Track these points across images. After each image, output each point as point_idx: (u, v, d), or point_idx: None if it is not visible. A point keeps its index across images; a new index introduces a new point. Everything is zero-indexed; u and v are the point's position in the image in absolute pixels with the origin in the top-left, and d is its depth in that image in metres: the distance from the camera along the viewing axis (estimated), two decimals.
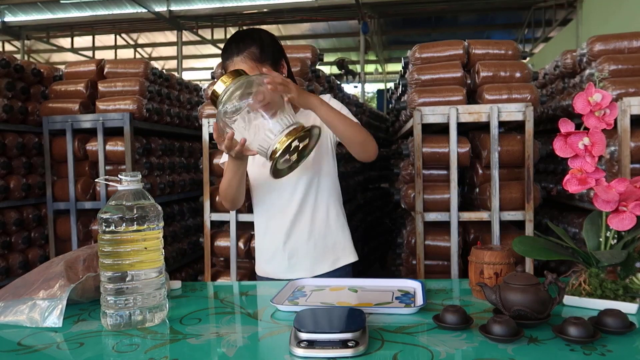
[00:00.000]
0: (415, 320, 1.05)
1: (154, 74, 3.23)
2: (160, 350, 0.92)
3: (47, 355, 0.93)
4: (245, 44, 1.45)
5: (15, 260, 2.95)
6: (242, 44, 1.45)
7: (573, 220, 2.52)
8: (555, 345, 0.88)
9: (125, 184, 1.07)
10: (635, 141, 2.08)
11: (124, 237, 1.03)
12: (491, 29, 11.90)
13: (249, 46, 1.44)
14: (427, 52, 2.57)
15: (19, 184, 2.95)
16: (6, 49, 12.47)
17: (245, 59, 1.44)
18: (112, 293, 1.04)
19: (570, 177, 1.15)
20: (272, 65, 1.47)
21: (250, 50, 1.44)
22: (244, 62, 1.44)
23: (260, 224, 1.66)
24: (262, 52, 1.45)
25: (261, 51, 1.45)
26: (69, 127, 2.90)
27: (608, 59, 2.26)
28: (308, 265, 1.59)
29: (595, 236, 1.20)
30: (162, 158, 3.38)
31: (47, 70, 3.33)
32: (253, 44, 1.45)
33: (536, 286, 0.98)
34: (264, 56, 1.46)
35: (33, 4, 9.79)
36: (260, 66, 1.44)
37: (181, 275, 3.58)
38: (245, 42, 1.45)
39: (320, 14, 10.10)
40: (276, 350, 0.92)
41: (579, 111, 1.16)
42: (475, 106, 2.32)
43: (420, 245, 2.36)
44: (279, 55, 1.52)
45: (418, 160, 2.33)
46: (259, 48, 1.45)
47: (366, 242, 4.55)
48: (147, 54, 14.15)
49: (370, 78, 15.74)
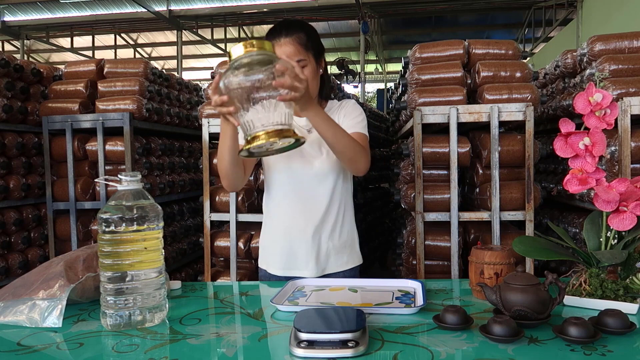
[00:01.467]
0: (416, 320, 1.05)
1: (153, 74, 3.23)
2: (160, 351, 0.92)
3: (46, 355, 0.93)
4: (295, 28, 1.46)
5: (15, 260, 2.94)
6: (292, 28, 1.45)
7: (573, 220, 2.52)
8: (555, 346, 0.88)
9: (125, 184, 1.07)
10: (635, 141, 2.08)
11: (123, 237, 1.03)
12: (491, 29, 11.89)
13: (298, 31, 1.45)
14: (427, 52, 2.57)
15: (18, 184, 2.94)
16: (6, 48, 12.47)
17: (293, 41, 1.43)
18: (112, 293, 1.04)
19: (571, 177, 1.15)
20: (315, 56, 1.48)
21: (299, 35, 1.45)
22: (292, 44, 1.43)
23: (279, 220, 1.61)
24: (309, 40, 1.46)
25: (308, 39, 1.46)
26: (68, 127, 2.90)
27: (608, 59, 2.25)
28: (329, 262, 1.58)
29: (595, 236, 1.20)
30: (162, 158, 3.38)
31: (46, 70, 3.33)
32: (302, 30, 1.46)
33: (536, 286, 0.98)
34: (310, 45, 1.46)
35: (33, 3, 9.79)
36: (305, 53, 1.45)
37: (181, 275, 3.58)
38: (294, 27, 1.46)
39: (320, 14, 10.09)
40: (276, 350, 0.92)
41: (580, 111, 1.15)
42: (475, 106, 2.32)
43: (421, 245, 2.36)
44: (321, 52, 1.53)
45: (418, 160, 2.33)
46: (307, 36, 1.46)
47: (366, 242, 4.54)
48: (146, 54, 14.14)
49: (370, 78, 15.74)
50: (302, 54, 1.44)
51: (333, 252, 1.58)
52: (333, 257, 1.58)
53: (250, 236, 2.61)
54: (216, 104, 1.13)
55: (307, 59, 1.45)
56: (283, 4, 9.58)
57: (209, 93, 1.22)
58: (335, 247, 1.58)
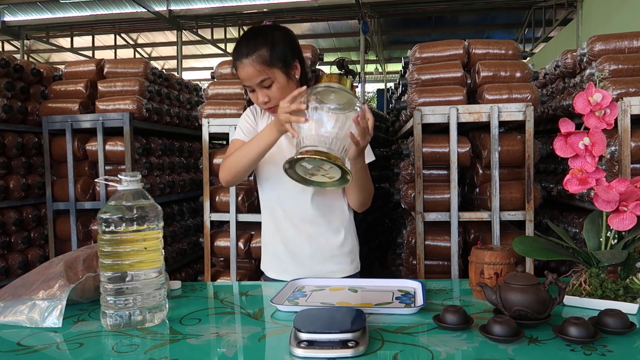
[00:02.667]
0: (416, 320, 1.05)
1: (153, 74, 3.22)
2: (160, 351, 0.92)
3: (46, 355, 0.93)
4: (256, 45, 1.40)
5: (14, 260, 2.94)
6: (253, 45, 1.40)
7: (573, 220, 2.52)
8: (555, 346, 0.88)
9: (125, 184, 1.07)
10: (635, 141, 2.08)
11: (123, 237, 1.03)
12: (491, 29, 11.89)
13: (259, 48, 1.39)
14: (427, 52, 2.57)
15: (18, 184, 2.94)
16: (6, 48, 12.46)
17: (253, 63, 1.39)
18: (112, 293, 1.04)
19: (571, 177, 1.15)
20: (282, 68, 1.42)
21: (260, 53, 1.39)
22: (253, 65, 1.39)
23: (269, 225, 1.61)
24: (272, 54, 1.40)
25: (271, 54, 1.40)
26: (68, 127, 2.90)
27: (608, 59, 2.25)
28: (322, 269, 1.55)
29: (595, 236, 1.20)
30: (162, 158, 3.38)
31: (46, 70, 3.33)
32: (264, 45, 1.40)
33: (536, 286, 0.98)
34: (274, 59, 1.40)
35: (33, 3, 9.78)
36: (269, 70, 1.40)
37: (181, 275, 3.58)
38: (256, 43, 1.40)
39: (320, 14, 10.09)
40: (276, 350, 0.92)
41: (579, 111, 1.16)
42: (475, 106, 2.32)
43: (420, 245, 2.36)
44: (293, 57, 1.46)
45: (418, 160, 2.33)
46: (269, 50, 1.40)
47: (366, 242, 4.54)
48: (146, 54, 14.14)
49: (370, 78, 15.73)
50: (265, 73, 1.40)
51: (324, 259, 1.54)
52: (326, 264, 1.54)
53: (250, 236, 2.62)
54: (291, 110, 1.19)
55: (271, 76, 1.41)
56: (283, 4, 9.57)
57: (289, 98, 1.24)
58: (330, 255, 1.54)
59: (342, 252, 1.56)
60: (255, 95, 1.46)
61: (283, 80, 1.43)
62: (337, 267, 1.55)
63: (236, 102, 2.65)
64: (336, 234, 1.55)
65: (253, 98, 1.47)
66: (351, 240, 1.59)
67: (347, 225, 1.58)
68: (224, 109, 2.63)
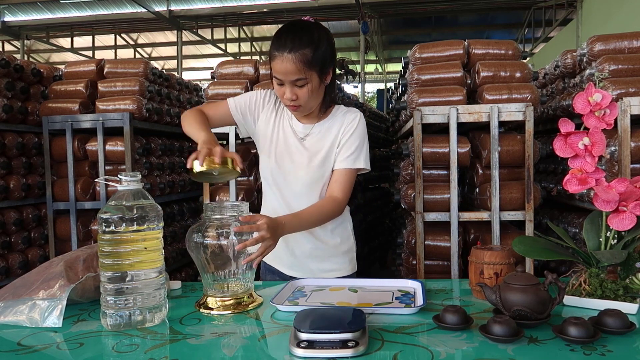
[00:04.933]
0: (415, 320, 1.05)
1: (153, 74, 3.23)
2: (160, 351, 0.92)
3: (47, 355, 0.93)
4: (302, 42, 1.35)
5: (15, 260, 2.94)
6: (299, 41, 1.35)
7: (573, 220, 2.52)
8: (555, 346, 0.88)
9: (125, 184, 1.07)
10: (635, 141, 2.08)
11: (123, 237, 1.03)
12: (491, 29, 11.90)
13: (305, 46, 1.35)
14: (427, 52, 2.57)
15: (18, 184, 2.94)
16: (6, 48, 12.47)
17: (295, 60, 1.34)
18: (112, 293, 1.04)
19: (571, 177, 1.15)
20: (319, 72, 1.39)
21: (304, 52, 1.34)
22: (294, 62, 1.34)
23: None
24: (315, 56, 1.36)
25: (314, 55, 1.35)
26: (68, 127, 2.90)
27: (608, 59, 2.26)
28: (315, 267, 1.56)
29: (595, 236, 1.20)
30: (162, 158, 3.38)
31: (46, 70, 3.33)
32: (309, 45, 1.35)
33: (536, 286, 0.98)
34: (315, 62, 1.36)
35: (33, 3, 9.78)
36: (307, 71, 1.36)
37: (181, 275, 3.58)
38: (302, 39, 1.35)
39: (320, 14, 10.09)
40: (276, 350, 0.92)
41: (579, 111, 1.16)
42: (475, 106, 2.32)
43: (420, 245, 2.36)
44: (330, 63, 1.43)
45: (418, 160, 2.33)
46: (313, 51, 1.35)
47: (366, 242, 4.54)
48: (147, 54, 14.15)
49: (370, 78, 15.74)
50: (303, 73, 1.36)
51: (322, 259, 1.55)
52: (324, 263, 1.55)
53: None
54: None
55: (309, 77, 1.37)
56: (283, 4, 9.58)
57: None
58: (327, 255, 1.54)
59: (339, 252, 1.56)
60: (282, 90, 1.41)
61: (316, 84, 1.41)
62: (335, 267, 1.56)
63: None
64: (333, 235, 1.55)
65: (279, 92, 1.43)
66: (348, 241, 1.60)
67: (344, 226, 1.59)
68: None
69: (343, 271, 1.57)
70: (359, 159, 1.48)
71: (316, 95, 1.43)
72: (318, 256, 1.55)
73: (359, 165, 1.48)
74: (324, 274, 1.53)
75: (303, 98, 1.40)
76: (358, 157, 1.48)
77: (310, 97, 1.41)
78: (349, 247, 1.59)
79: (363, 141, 1.50)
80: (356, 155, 1.48)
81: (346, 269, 1.58)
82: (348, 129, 1.49)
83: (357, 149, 1.48)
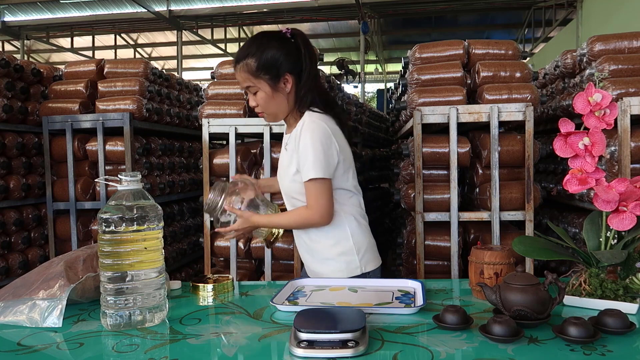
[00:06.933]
0: (415, 320, 1.05)
1: (153, 74, 3.22)
2: (160, 351, 0.92)
3: (47, 355, 0.93)
4: (248, 52, 1.46)
5: (15, 260, 2.94)
6: (246, 51, 1.46)
7: (573, 220, 2.52)
8: (555, 346, 0.88)
9: (125, 184, 1.07)
10: (635, 141, 2.08)
11: (124, 237, 1.03)
12: (491, 29, 11.89)
13: (249, 56, 1.45)
14: (427, 52, 2.57)
15: (18, 184, 2.94)
16: (6, 49, 12.46)
17: (241, 70, 1.48)
18: (112, 293, 1.04)
19: (571, 177, 1.15)
20: (268, 81, 1.46)
21: (248, 62, 1.45)
22: (240, 72, 1.48)
23: None
24: (259, 65, 1.45)
25: (258, 64, 1.45)
26: (68, 127, 2.90)
27: (608, 59, 2.26)
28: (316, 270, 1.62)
29: (595, 236, 1.20)
30: (162, 158, 3.38)
31: (46, 70, 3.33)
32: (254, 55, 1.45)
33: (536, 286, 0.98)
34: (260, 70, 1.45)
35: (33, 3, 9.78)
36: (254, 79, 1.46)
37: (181, 275, 3.58)
38: (249, 50, 1.46)
39: (320, 14, 10.09)
40: (276, 350, 0.92)
41: (579, 111, 1.16)
42: (475, 106, 2.32)
43: (420, 245, 2.36)
44: (284, 70, 1.47)
45: (418, 160, 2.33)
46: (257, 61, 1.45)
47: None
48: (147, 54, 14.14)
49: (370, 78, 15.74)
50: (251, 81, 1.47)
51: (320, 261, 1.57)
52: (322, 265, 1.56)
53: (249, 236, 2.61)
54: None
55: (257, 84, 1.47)
56: (283, 4, 9.57)
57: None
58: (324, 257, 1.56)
59: (334, 254, 1.54)
60: (248, 98, 1.56)
61: (268, 91, 1.48)
62: (331, 269, 1.54)
63: (236, 102, 2.65)
64: (327, 238, 1.54)
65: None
66: (344, 244, 1.55)
67: (338, 230, 1.54)
68: (224, 109, 2.63)
69: (344, 273, 1.53)
70: (309, 171, 1.45)
71: (275, 102, 1.51)
72: (316, 260, 1.58)
73: (309, 176, 1.44)
74: (326, 275, 1.53)
75: (261, 104, 1.51)
76: (309, 169, 1.45)
77: (267, 103, 1.50)
78: (344, 249, 1.55)
79: (307, 151, 1.45)
80: (308, 167, 1.45)
81: (346, 269, 1.53)
82: (298, 141, 1.48)
83: (305, 160, 1.46)
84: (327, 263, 1.55)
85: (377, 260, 1.66)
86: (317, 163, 1.44)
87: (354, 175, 1.59)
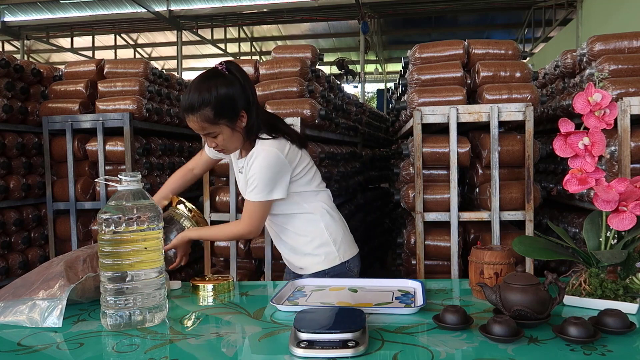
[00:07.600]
0: (415, 320, 1.05)
1: (153, 74, 3.22)
2: (160, 350, 0.92)
3: (47, 355, 0.93)
4: (202, 102, 1.46)
5: (15, 260, 2.94)
6: (199, 102, 1.46)
7: (573, 220, 2.52)
8: (555, 345, 0.88)
9: (125, 184, 1.07)
10: (635, 141, 2.08)
11: (124, 237, 1.03)
12: (491, 29, 11.90)
13: (204, 107, 1.47)
14: (427, 52, 2.57)
15: (18, 184, 2.94)
16: (6, 49, 12.46)
17: (198, 120, 1.49)
18: (112, 293, 1.04)
19: (570, 177, 1.15)
20: (227, 123, 1.51)
21: (204, 112, 1.47)
22: (197, 122, 1.49)
23: None
24: (217, 113, 1.48)
25: (215, 113, 1.47)
26: (68, 127, 2.90)
27: (608, 59, 2.25)
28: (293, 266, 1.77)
29: (595, 236, 1.20)
30: (162, 158, 3.37)
31: (46, 70, 3.33)
32: (208, 104, 1.46)
33: (536, 286, 0.98)
34: (218, 117, 1.48)
35: (33, 4, 9.78)
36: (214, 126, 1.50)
37: (181, 275, 3.58)
38: (202, 100, 1.46)
39: (320, 14, 10.09)
40: (276, 350, 0.92)
41: (579, 111, 1.16)
42: (475, 106, 2.32)
43: (420, 245, 2.36)
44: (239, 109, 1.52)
45: (418, 160, 2.33)
46: (214, 109, 1.47)
47: (366, 242, 4.54)
48: (147, 54, 14.15)
49: (370, 78, 15.73)
50: (210, 129, 1.51)
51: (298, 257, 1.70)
52: (301, 260, 1.70)
53: None
54: None
55: (217, 130, 1.51)
56: (283, 4, 9.58)
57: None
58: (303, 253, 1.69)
59: (312, 247, 1.66)
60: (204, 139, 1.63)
61: (228, 132, 1.53)
62: (312, 261, 1.66)
63: None
64: (305, 235, 1.67)
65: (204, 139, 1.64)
66: (320, 238, 1.67)
67: (313, 226, 1.67)
68: None
69: (322, 265, 1.65)
70: (251, 193, 1.56)
71: (235, 139, 1.57)
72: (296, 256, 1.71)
73: (250, 198, 1.56)
74: (305, 267, 1.67)
75: (222, 144, 1.56)
76: (252, 192, 1.56)
77: (228, 143, 1.56)
78: (320, 243, 1.67)
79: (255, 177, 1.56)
80: (251, 190, 1.56)
81: (324, 261, 1.65)
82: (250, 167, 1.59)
83: (252, 184, 1.56)
84: (307, 257, 1.68)
85: (355, 248, 1.77)
86: (261, 188, 1.54)
87: (317, 175, 1.72)
